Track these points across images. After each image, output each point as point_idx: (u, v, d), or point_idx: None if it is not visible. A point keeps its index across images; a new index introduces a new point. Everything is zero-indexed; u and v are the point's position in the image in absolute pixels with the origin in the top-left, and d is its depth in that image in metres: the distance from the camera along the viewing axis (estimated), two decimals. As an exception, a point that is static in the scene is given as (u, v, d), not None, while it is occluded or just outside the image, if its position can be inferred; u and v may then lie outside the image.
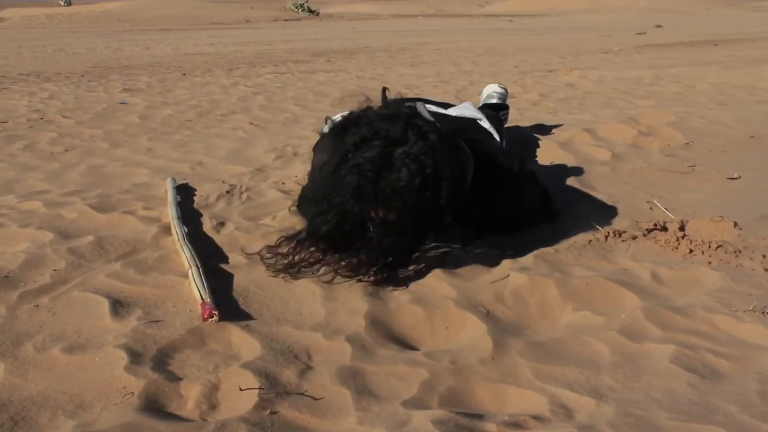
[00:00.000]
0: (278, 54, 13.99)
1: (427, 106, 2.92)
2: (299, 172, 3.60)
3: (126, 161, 4.35)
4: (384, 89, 2.58)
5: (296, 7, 49.30)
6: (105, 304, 2.08)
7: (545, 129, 4.98)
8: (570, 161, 4.04)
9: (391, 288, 2.24)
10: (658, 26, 24.48)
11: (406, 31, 23.45)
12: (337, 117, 2.63)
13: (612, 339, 1.94)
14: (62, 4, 57.80)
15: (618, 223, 2.92)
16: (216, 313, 1.94)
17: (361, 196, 2.20)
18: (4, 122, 6.01)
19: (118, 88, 8.42)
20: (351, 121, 2.36)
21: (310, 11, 46.99)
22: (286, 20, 38.26)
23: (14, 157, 4.57)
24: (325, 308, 2.10)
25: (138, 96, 7.67)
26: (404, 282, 2.29)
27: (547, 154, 4.26)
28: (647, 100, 6.87)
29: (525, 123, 5.31)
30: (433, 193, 2.22)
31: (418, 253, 2.43)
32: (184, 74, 10.05)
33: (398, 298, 2.17)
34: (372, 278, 2.26)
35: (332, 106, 6.81)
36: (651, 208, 3.17)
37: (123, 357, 1.77)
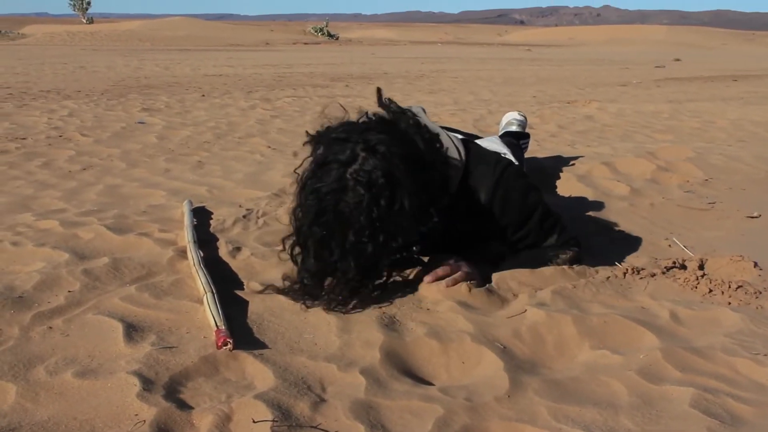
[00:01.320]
0: (297, 77, 14.05)
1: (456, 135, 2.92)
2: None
3: (143, 182, 4.36)
4: (378, 90, 2.68)
5: (316, 31, 49.66)
6: (119, 328, 2.07)
7: (564, 161, 4.96)
8: (588, 195, 4.02)
9: (406, 321, 2.22)
10: (677, 60, 24.50)
11: (425, 57, 23.56)
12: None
13: (630, 379, 1.90)
14: (84, 21, 58.44)
15: (636, 260, 2.89)
16: (230, 341, 1.93)
17: (322, 222, 2.24)
18: (24, 139, 6.04)
19: (137, 107, 8.46)
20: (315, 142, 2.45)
21: (330, 35, 47.33)
22: (305, 44, 38.54)
23: (32, 175, 4.59)
24: (340, 339, 2.08)
25: (156, 116, 7.70)
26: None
27: (566, 186, 4.24)
28: (666, 134, 6.85)
29: (543, 154, 5.30)
30: (387, 203, 2.23)
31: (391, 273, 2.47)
32: (203, 95, 10.09)
33: (414, 330, 2.15)
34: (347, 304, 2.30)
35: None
36: (670, 245, 3.15)
37: (135, 383, 1.75)
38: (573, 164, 4.86)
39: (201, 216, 3.38)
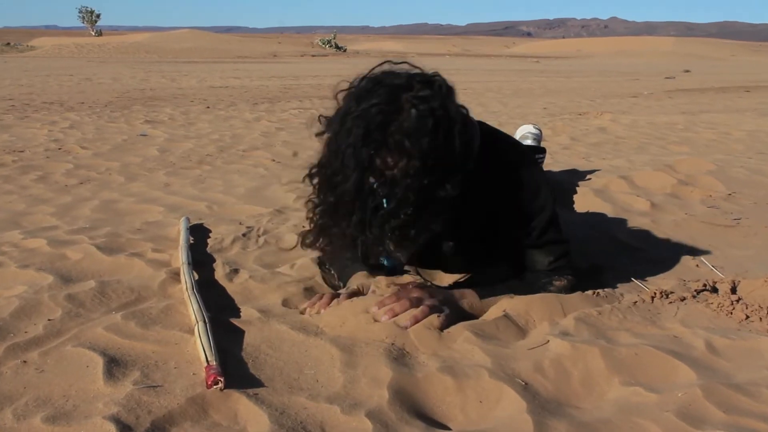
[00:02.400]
0: (304, 89, 13.90)
1: None
2: (320, 214, 3.40)
3: (140, 197, 4.18)
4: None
5: (324, 44, 49.69)
6: (99, 364, 1.86)
7: (579, 175, 4.76)
8: (607, 210, 3.83)
9: (418, 353, 2.01)
10: (687, 71, 24.32)
11: (433, 69, 23.34)
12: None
13: (668, 422, 1.69)
14: (93, 34, 58.62)
15: (664, 282, 2.68)
16: (221, 379, 1.72)
17: (371, 141, 1.99)
18: (21, 152, 5.88)
19: (140, 119, 8.31)
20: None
21: (338, 48, 47.31)
22: (313, 56, 38.49)
23: (26, 189, 4.42)
24: (344, 375, 1.87)
25: (159, 128, 7.54)
26: None
27: (583, 202, 4.04)
28: (681, 146, 6.66)
29: (557, 168, 5.11)
30: (446, 137, 2.01)
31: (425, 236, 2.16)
32: (208, 107, 9.94)
33: (426, 365, 1.94)
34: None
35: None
36: (697, 266, 2.95)
37: (112, 431, 1.55)
38: (589, 178, 4.67)
39: (198, 234, 3.19)
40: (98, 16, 64.25)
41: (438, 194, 2.06)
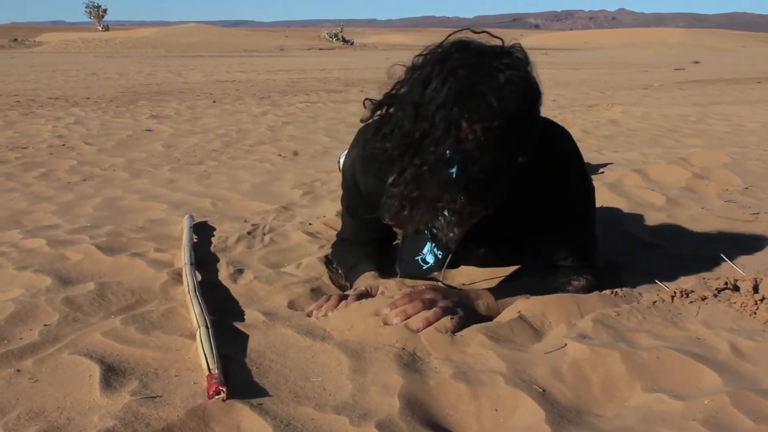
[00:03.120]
0: (311, 83, 13.81)
1: None
2: (328, 211, 3.31)
3: (144, 194, 4.10)
4: None
5: (331, 37, 49.57)
6: (96, 372, 1.77)
7: (592, 168, 4.66)
8: (622, 205, 3.72)
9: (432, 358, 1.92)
10: (696, 62, 24.14)
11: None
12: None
13: (695, 432, 1.60)
14: (100, 29, 58.60)
15: (683, 280, 2.59)
16: (223, 389, 1.63)
17: (461, 102, 1.88)
18: (25, 148, 5.81)
19: (146, 114, 8.24)
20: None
21: (345, 41, 47.19)
22: (320, 49, 38.39)
23: (29, 186, 4.35)
24: (353, 383, 1.78)
25: (165, 123, 7.47)
26: None
27: (597, 196, 3.90)
28: (695, 138, 6.56)
29: (569, 161, 5.00)
30: (530, 106, 1.94)
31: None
32: (214, 101, 9.86)
33: (438, 371, 1.85)
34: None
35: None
36: (717, 263, 2.84)
37: (107, 447, 1.47)
38: (602, 172, 4.57)
39: (202, 232, 3.10)
40: (105, 11, 64.19)
41: (515, 162, 1.97)
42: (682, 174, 4.46)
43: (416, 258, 2.37)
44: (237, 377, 1.78)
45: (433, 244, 2.31)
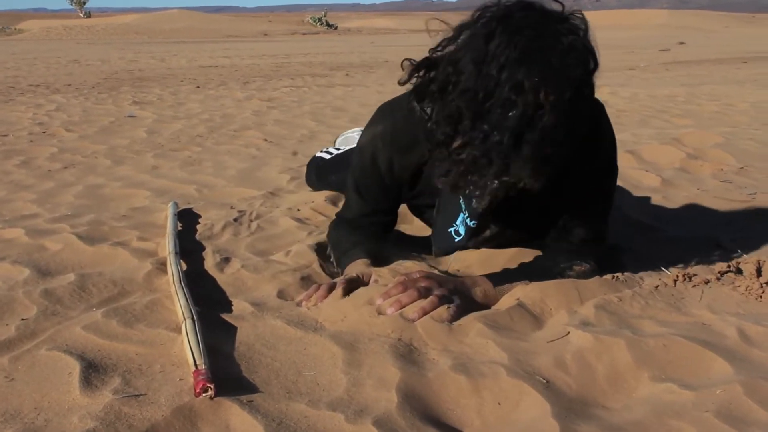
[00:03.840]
0: (295, 67, 13.69)
1: None
2: (316, 196, 3.21)
3: (127, 181, 3.99)
4: None
5: (315, 21, 49.31)
6: (76, 370, 1.67)
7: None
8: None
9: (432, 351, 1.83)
10: (681, 43, 24.11)
11: (426, 45, 23.04)
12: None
13: (708, 424, 1.51)
14: (82, 15, 58.10)
15: (684, 263, 2.50)
16: (211, 386, 1.54)
17: (531, 64, 1.78)
18: (5, 136, 5.69)
19: (128, 100, 8.11)
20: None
21: (329, 25, 46.98)
22: (304, 34, 38.20)
23: (8, 175, 4.23)
24: (348, 377, 1.69)
25: (148, 109, 7.34)
26: None
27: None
28: (685, 119, 6.49)
29: (560, 143, 4.92)
30: (590, 73, 1.88)
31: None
32: (198, 87, 9.73)
33: (437, 362, 1.76)
34: None
35: (351, 122, 6.44)
36: (717, 244, 2.77)
37: (87, 450, 1.37)
38: (595, 153, 4.48)
39: (187, 220, 3.00)
40: (87, -3, 63.60)
41: (577, 130, 1.92)
42: (675, 155, 4.39)
43: (449, 230, 2.27)
44: (225, 372, 1.69)
45: (467, 215, 2.21)
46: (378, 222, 2.48)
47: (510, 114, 1.80)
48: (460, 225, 2.25)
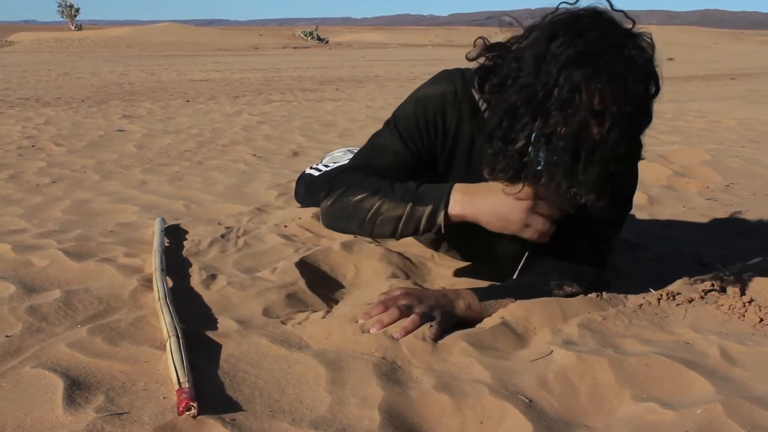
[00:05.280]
0: (286, 81, 13.71)
1: None
2: (303, 213, 3.22)
3: (115, 196, 4.00)
4: None
5: (305, 35, 49.41)
6: (60, 387, 1.67)
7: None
8: (603, 204, 3.66)
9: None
10: (670, 59, 24.23)
11: (416, 60, 23.18)
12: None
13: (690, 444, 1.53)
14: (73, 28, 58.08)
15: (669, 282, 2.52)
16: (194, 404, 1.54)
17: (588, 65, 1.82)
18: (-7, 149, 5.67)
19: (118, 114, 8.11)
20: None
21: (319, 39, 47.06)
22: (294, 48, 38.26)
23: (-5, 189, 4.22)
24: (331, 395, 1.70)
25: (137, 123, 7.35)
26: None
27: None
28: (673, 135, 6.53)
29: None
30: (649, 91, 1.95)
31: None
32: (188, 101, 9.74)
33: (420, 381, 1.77)
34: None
35: (340, 137, 6.46)
36: (701, 263, 2.79)
37: (69, 469, 1.37)
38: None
39: (174, 236, 3.01)
40: (78, 10, 63.51)
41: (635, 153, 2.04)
42: (662, 172, 4.42)
43: None
44: (209, 390, 1.69)
45: None
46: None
47: (569, 117, 1.85)
48: None
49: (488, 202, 2.07)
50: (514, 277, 2.34)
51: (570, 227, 2.26)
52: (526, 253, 2.35)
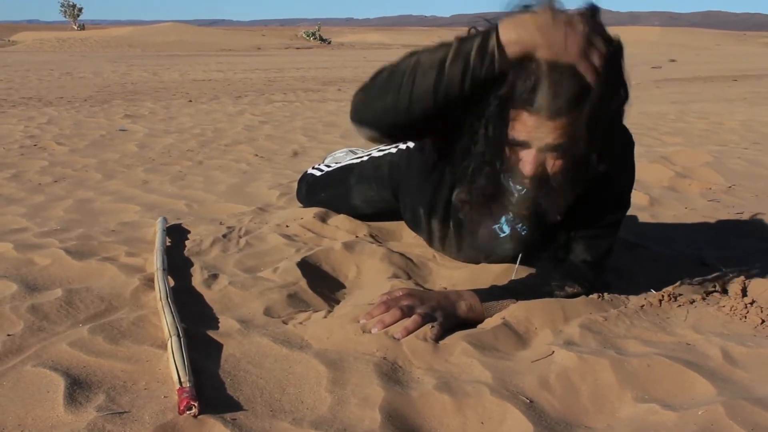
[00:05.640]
0: (288, 82, 13.71)
1: None
2: (305, 213, 3.22)
3: (117, 195, 4.00)
4: None
5: (308, 36, 49.42)
6: (60, 386, 1.67)
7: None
8: (605, 206, 3.66)
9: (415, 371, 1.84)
10: (673, 60, 24.23)
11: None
12: None
13: (690, 445, 1.53)
14: (75, 28, 58.13)
15: (670, 283, 2.52)
16: (195, 404, 1.54)
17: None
18: (-5, 149, 5.67)
19: (120, 114, 8.12)
20: None
21: (322, 40, 47.07)
22: (297, 48, 38.27)
23: (-2, 188, 4.22)
24: (332, 395, 1.70)
25: (139, 123, 7.35)
26: None
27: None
28: (675, 137, 6.53)
29: (550, 161, 4.95)
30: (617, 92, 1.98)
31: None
32: (190, 101, 9.75)
33: (421, 381, 1.77)
34: None
35: (342, 137, 6.46)
36: (703, 264, 2.79)
37: (70, 468, 1.37)
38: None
39: (176, 235, 3.01)
40: (80, 10, 63.62)
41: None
42: (664, 173, 4.42)
43: (494, 227, 2.28)
44: (209, 390, 1.69)
45: (516, 219, 2.24)
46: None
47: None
48: (504, 223, 2.27)
49: (546, 22, 1.87)
50: (512, 278, 2.35)
51: (567, 230, 2.28)
52: (520, 255, 2.36)
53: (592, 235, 2.32)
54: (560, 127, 1.91)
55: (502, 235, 2.30)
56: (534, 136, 1.93)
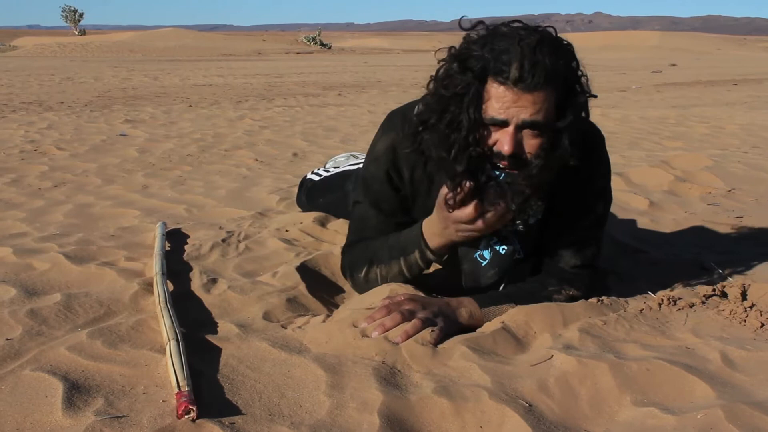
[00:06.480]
0: (288, 87, 13.73)
1: None
2: (305, 217, 3.22)
3: (117, 200, 4.00)
4: None
5: (308, 41, 49.50)
6: (59, 390, 1.67)
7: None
8: (605, 210, 3.66)
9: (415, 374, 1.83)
10: (673, 65, 24.25)
11: (418, 66, 23.19)
12: None
13: (689, 449, 1.53)
14: (76, 33, 58.22)
15: (669, 287, 2.52)
16: (193, 408, 1.54)
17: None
18: (-5, 154, 5.68)
19: (121, 118, 8.12)
20: None
21: (322, 44, 47.14)
22: (297, 53, 38.31)
23: (-2, 193, 4.22)
24: (330, 399, 1.69)
25: (140, 128, 7.36)
26: None
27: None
28: (675, 141, 6.53)
29: (550, 165, 4.95)
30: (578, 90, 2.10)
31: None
32: (190, 106, 9.75)
33: (420, 385, 1.77)
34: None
35: (342, 142, 6.47)
36: (702, 268, 2.78)
37: (67, 472, 1.37)
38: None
39: (175, 240, 3.01)
40: (81, 15, 63.76)
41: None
42: (664, 177, 4.42)
43: (475, 255, 2.29)
44: (208, 394, 1.69)
45: (494, 239, 2.25)
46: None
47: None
48: (483, 249, 2.28)
49: (435, 225, 2.19)
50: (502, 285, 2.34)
51: (552, 232, 2.28)
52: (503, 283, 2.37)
53: (576, 239, 2.31)
54: (537, 101, 1.96)
55: (484, 263, 2.30)
56: (511, 113, 1.95)
